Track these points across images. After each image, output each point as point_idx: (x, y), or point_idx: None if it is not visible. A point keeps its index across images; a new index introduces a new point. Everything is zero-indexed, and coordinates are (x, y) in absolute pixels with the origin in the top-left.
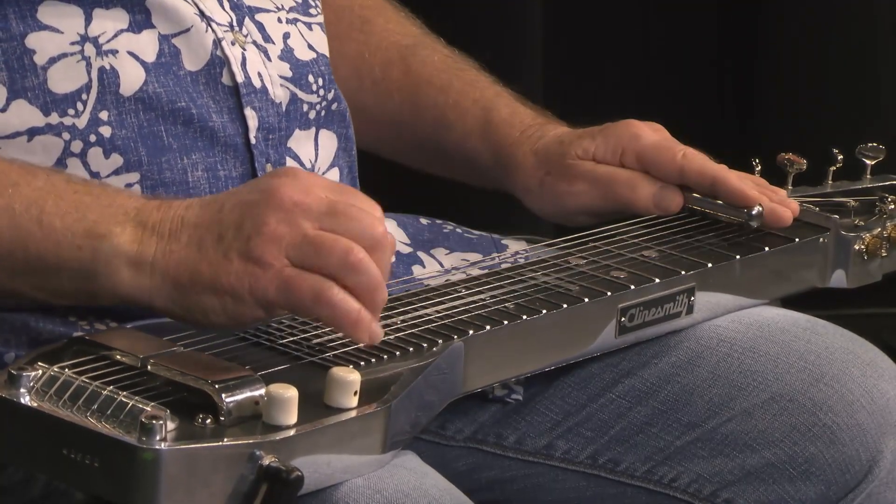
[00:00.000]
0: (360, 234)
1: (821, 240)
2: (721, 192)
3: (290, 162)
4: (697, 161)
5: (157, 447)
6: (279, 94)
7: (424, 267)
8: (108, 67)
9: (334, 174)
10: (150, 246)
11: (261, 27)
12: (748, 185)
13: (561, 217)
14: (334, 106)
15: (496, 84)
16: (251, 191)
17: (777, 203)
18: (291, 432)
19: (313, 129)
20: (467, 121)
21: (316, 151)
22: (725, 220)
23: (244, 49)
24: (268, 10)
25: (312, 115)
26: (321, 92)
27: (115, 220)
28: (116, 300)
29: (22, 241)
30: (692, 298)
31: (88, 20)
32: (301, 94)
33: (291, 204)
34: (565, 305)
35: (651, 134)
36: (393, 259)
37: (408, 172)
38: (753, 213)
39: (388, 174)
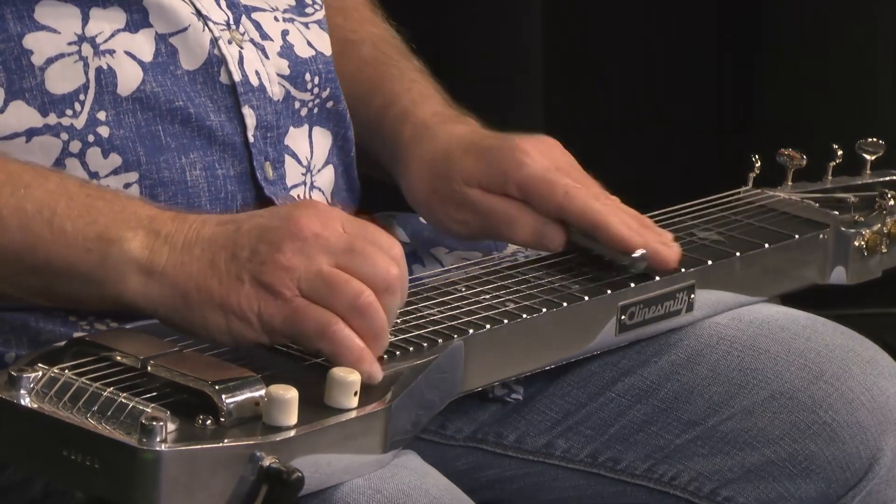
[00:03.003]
0: (374, 276)
1: (821, 236)
2: (601, 237)
3: (288, 159)
4: (579, 201)
5: (157, 448)
6: (276, 91)
7: (424, 266)
8: (105, 67)
9: (329, 172)
10: (162, 255)
11: (258, 25)
12: (628, 231)
13: (445, 235)
14: (329, 104)
15: (420, 82)
16: (271, 217)
17: (661, 245)
18: (292, 433)
19: (306, 127)
20: (368, 114)
21: (311, 149)
22: (609, 258)
23: (241, 47)
24: (263, 10)
25: (304, 112)
26: (315, 90)
27: (127, 225)
28: (120, 306)
29: (31, 242)
30: (692, 296)
31: (85, 20)
32: (294, 92)
33: (310, 235)
34: (565, 304)
35: (536, 162)
36: (405, 297)
37: None
38: (636, 256)
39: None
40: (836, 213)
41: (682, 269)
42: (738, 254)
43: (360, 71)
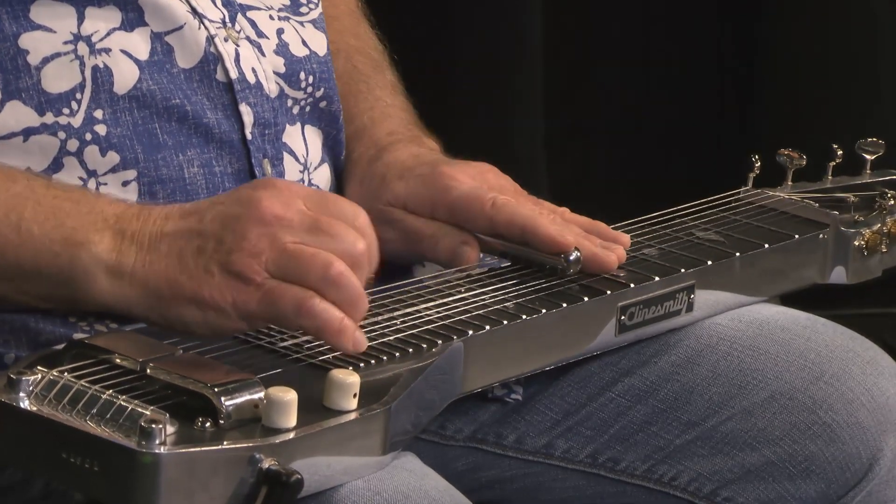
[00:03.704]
0: (341, 253)
1: (820, 236)
2: (532, 240)
3: (286, 157)
4: (507, 210)
5: (156, 451)
6: (273, 88)
7: (424, 266)
8: (101, 66)
9: (325, 170)
10: (130, 255)
11: (253, 23)
12: (559, 230)
13: None
14: (322, 104)
15: (385, 99)
16: (232, 202)
17: (599, 248)
18: (291, 435)
19: (298, 125)
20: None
21: (306, 147)
22: (549, 267)
23: (237, 45)
24: (258, 9)
25: (296, 110)
26: (309, 89)
27: (94, 227)
28: (94, 307)
29: (0, 247)
30: (692, 296)
31: (81, 19)
32: (288, 90)
33: (272, 217)
34: (565, 304)
35: (463, 183)
36: (376, 265)
37: None
38: (571, 258)
39: None
40: (836, 212)
41: (682, 270)
42: (737, 254)
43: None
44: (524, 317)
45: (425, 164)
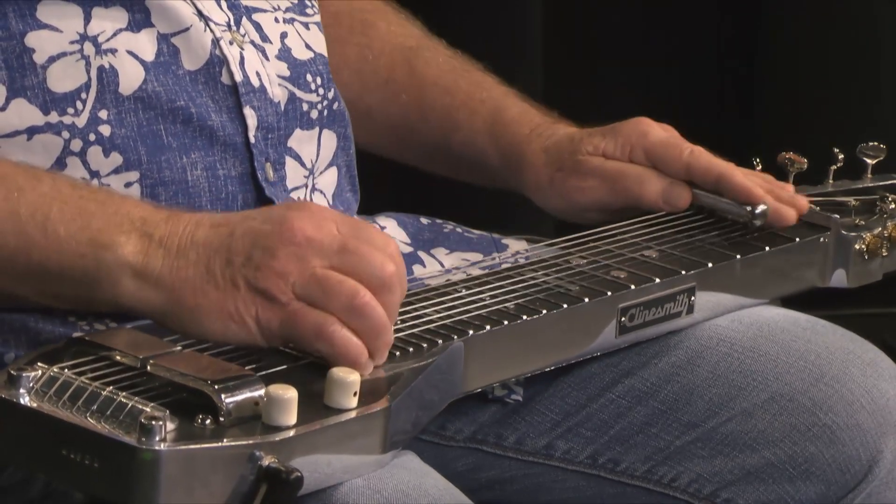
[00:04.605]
0: (370, 275)
1: (821, 239)
2: (726, 188)
3: (289, 161)
4: (704, 158)
5: (156, 448)
6: (277, 93)
7: (425, 266)
8: (107, 66)
9: (332, 174)
10: (157, 259)
11: (258, 27)
12: (754, 182)
13: (571, 213)
14: (335, 105)
15: (502, 84)
16: (264, 220)
17: (784, 202)
18: (291, 433)
19: (316, 129)
20: (475, 121)
21: (318, 151)
22: (731, 218)
23: (242, 49)
24: (264, 10)
25: (314, 114)
26: (321, 91)
27: (119, 229)
28: (115, 308)
29: (25, 247)
30: (692, 298)
31: (87, 19)
32: (300, 94)
33: (303, 239)
34: (565, 305)
35: (659, 132)
36: (404, 293)
37: (408, 172)
38: (758, 211)
39: (389, 174)
40: (837, 216)
41: (683, 272)
42: (738, 256)
43: (439, 78)
44: (524, 317)
45: (608, 125)
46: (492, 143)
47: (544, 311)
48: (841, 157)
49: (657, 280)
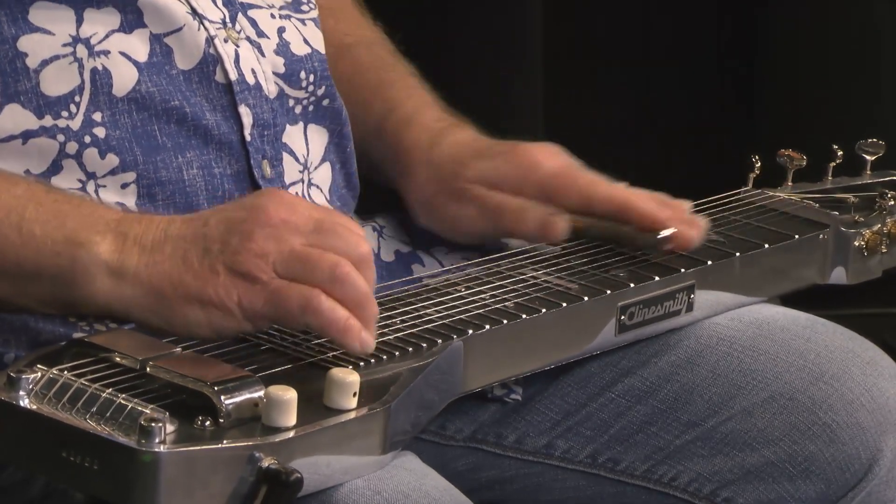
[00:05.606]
0: (346, 252)
1: (821, 236)
2: (630, 217)
3: (285, 157)
4: (602, 188)
5: (156, 449)
6: (272, 89)
7: (424, 266)
8: (100, 68)
9: (326, 169)
10: (132, 256)
11: (254, 23)
12: (656, 207)
13: (447, 235)
14: (325, 102)
15: (419, 88)
16: (237, 208)
17: (684, 223)
18: (291, 434)
19: (301, 124)
20: (368, 119)
21: (307, 146)
22: (633, 245)
23: (237, 46)
24: (260, 7)
25: (298, 109)
26: (310, 88)
27: (94, 228)
28: (93, 309)
29: (1, 247)
30: (692, 296)
31: (80, 21)
32: (288, 90)
33: (279, 221)
34: (565, 304)
35: (552, 162)
36: (374, 278)
37: None
38: (666, 235)
39: None
40: (836, 213)
41: (682, 270)
42: (737, 254)
43: (357, 75)
44: (524, 316)
45: (495, 143)
46: (379, 143)
47: (544, 310)
48: (840, 153)
49: (656, 278)
